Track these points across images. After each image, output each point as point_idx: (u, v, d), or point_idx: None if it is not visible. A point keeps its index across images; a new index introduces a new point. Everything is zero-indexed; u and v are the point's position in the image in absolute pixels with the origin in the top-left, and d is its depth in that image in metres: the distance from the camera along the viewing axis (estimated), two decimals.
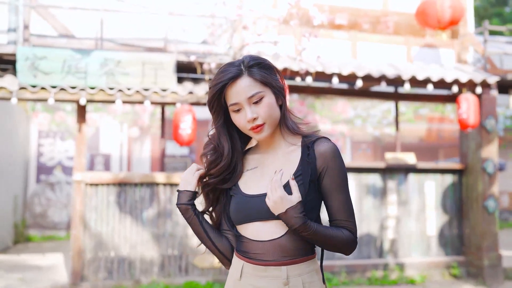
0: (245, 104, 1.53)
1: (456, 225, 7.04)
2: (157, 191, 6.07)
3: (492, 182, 6.77)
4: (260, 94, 1.53)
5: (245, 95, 1.52)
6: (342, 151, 12.44)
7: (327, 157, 1.55)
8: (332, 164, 1.55)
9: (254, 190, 1.58)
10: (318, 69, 5.89)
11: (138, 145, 11.37)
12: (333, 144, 1.58)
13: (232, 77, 1.52)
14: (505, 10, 19.87)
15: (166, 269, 6.01)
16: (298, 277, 1.52)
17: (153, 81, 5.72)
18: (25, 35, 5.73)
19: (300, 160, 1.56)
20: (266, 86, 1.55)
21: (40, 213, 10.27)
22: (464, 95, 6.44)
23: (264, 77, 1.54)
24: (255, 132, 1.55)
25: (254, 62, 1.55)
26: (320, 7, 6.23)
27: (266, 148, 1.64)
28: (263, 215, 1.53)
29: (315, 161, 1.55)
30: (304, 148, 1.58)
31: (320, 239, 1.52)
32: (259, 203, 1.54)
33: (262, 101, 1.53)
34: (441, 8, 6.19)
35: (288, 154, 1.60)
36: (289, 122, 1.61)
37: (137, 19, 6.43)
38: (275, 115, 1.55)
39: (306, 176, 1.54)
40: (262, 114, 1.53)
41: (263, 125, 1.54)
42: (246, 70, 1.53)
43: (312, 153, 1.56)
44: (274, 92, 1.56)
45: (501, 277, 6.63)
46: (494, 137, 6.85)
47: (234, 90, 1.52)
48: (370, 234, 6.72)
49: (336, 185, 1.57)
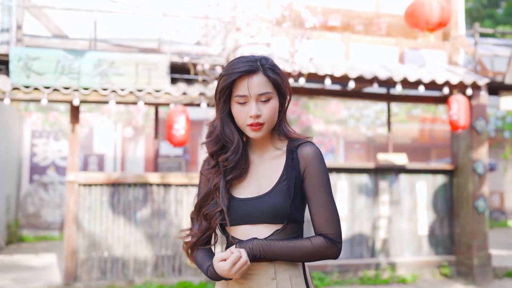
0: (253, 99, 1.55)
1: (447, 225, 7.11)
2: (151, 191, 6.10)
3: (482, 183, 6.85)
4: (270, 95, 1.57)
5: (256, 91, 1.55)
6: (336, 151, 12.50)
7: (308, 160, 1.58)
8: (313, 167, 1.58)
9: (242, 193, 1.61)
10: (311, 70, 5.94)
11: (132, 145, 11.38)
12: (315, 148, 1.60)
13: (249, 70, 1.55)
14: (497, 12, 20.01)
15: (159, 269, 6.03)
16: (285, 272, 1.56)
17: (146, 82, 5.74)
18: (18, 36, 5.74)
19: (285, 165, 1.59)
20: (276, 90, 1.59)
21: (33, 213, 10.26)
22: (454, 97, 6.51)
23: (276, 80, 1.58)
24: (253, 130, 1.56)
25: (270, 65, 1.59)
26: (313, 9, 6.28)
27: (254, 149, 1.66)
28: (252, 219, 1.57)
29: (298, 164, 1.58)
30: (289, 152, 1.61)
31: (282, 257, 1.54)
32: (249, 207, 1.58)
33: (269, 102, 1.57)
34: (430, 10, 6.26)
35: (274, 159, 1.63)
36: (283, 127, 1.64)
37: (131, 20, 6.45)
38: (274, 119, 1.60)
39: (291, 180, 1.57)
40: (265, 114, 1.56)
41: (263, 125, 1.56)
42: (263, 69, 1.57)
43: (296, 157, 1.59)
44: (279, 98, 1.61)
45: (490, 276, 6.71)
46: (484, 138, 6.93)
47: (247, 83, 1.55)
48: (362, 234, 6.78)
49: (316, 188, 1.58)
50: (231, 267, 1.47)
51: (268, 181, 1.60)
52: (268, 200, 1.56)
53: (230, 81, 1.56)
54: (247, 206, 1.58)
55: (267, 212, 1.56)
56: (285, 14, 5.32)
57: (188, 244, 1.65)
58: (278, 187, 1.57)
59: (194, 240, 1.63)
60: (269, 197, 1.57)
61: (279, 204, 1.55)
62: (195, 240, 1.63)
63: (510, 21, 19.05)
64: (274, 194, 1.56)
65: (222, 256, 1.50)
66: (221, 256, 1.50)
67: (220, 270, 1.49)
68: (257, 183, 1.61)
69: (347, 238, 6.69)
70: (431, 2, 6.29)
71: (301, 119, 11.50)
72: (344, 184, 6.73)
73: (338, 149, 12.61)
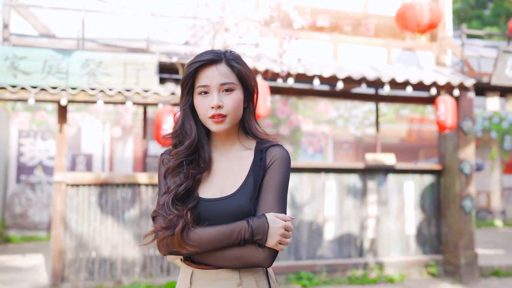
0: (214, 89, 1.50)
1: (434, 225, 7.18)
2: (139, 191, 6.08)
3: (469, 183, 6.92)
4: (233, 85, 1.51)
5: (218, 80, 1.49)
6: (324, 151, 12.54)
7: (273, 160, 1.53)
8: (274, 167, 1.52)
9: (205, 194, 1.53)
10: (300, 71, 5.95)
11: (120, 145, 11.33)
12: (284, 151, 1.56)
13: (211, 59, 1.50)
14: (484, 13, 20.22)
15: (147, 269, 6.02)
16: (251, 276, 1.51)
17: (135, 82, 5.72)
18: (4, 35, 5.69)
19: (252, 164, 1.54)
20: (240, 83, 1.53)
21: (20, 213, 10.17)
22: (442, 97, 6.57)
23: (240, 73, 1.53)
24: (215, 122, 1.50)
25: (234, 56, 1.55)
26: (301, 9, 6.30)
27: (219, 146, 1.60)
28: (214, 220, 1.49)
29: (265, 164, 1.53)
30: (258, 152, 1.56)
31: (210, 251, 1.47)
32: (212, 208, 1.50)
33: (232, 93, 1.51)
34: (421, 12, 6.32)
35: (241, 158, 1.57)
36: (251, 126, 1.59)
37: (119, 19, 6.42)
38: (238, 113, 1.53)
39: (258, 180, 1.52)
40: (228, 105, 1.50)
41: (225, 117, 1.50)
42: (226, 59, 1.53)
43: (264, 157, 1.54)
44: (244, 92, 1.55)
45: (477, 275, 6.78)
46: (471, 139, 7.00)
47: (209, 73, 1.50)
48: (350, 234, 6.81)
49: (268, 186, 1.51)
50: (284, 226, 1.45)
51: (233, 181, 1.53)
52: (234, 203, 1.50)
53: (191, 70, 1.51)
54: (210, 207, 1.50)
55: (232, 214, 1.48)
56: (274, 15, 5.33)
57: (166, 236, 1.46)
58: (244, 188, 1.51)
59: (177, 226, 1.46)
60: (234, 198, 1.50)
61: (245, 206, 1.49)
62: (176, 226, 1.46)
63: (497, 22, 19.27)
64: (239, 196, 1.50)
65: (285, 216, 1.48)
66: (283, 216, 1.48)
67: (276, 222, 1.45)
68: (221, 183, 1.54)
69: (335, 238, 6.73)
70: (422, 4, 6.36)
71: (290, 119, 11.52)
72: (333, 184, 6.77)
73: (327, 149, 12.66)
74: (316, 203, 6.69)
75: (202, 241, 1.44)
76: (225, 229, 1.44)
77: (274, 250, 1.46)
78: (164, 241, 1.47)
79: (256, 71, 5.76)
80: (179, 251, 1.46)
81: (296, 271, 6.39)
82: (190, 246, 1.44)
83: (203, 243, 1.44)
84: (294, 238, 6.55)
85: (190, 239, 1.44)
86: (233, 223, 1.45)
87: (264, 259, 1.46)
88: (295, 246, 6.55)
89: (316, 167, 6.78)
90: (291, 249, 6.52)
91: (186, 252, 1.46)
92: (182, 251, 1.46)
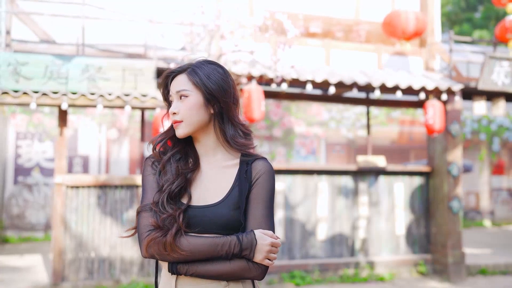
0: (175, 98, 1.59)
1: (423, 225, 7.40)
2: (137, 192, 6.24)
3: (457, 184, 7.14)
4: (185, 92, 1.56)
5: (174, 89, 1.58)
6: (317, 153, 12.75)
7: (259, 173, 1.58)
8: (260, 182, 1.58)
9: (189, 200, 1.56)
10: (293, 76, 6.15)
11: (116, 147, 11.47)
12: (269, 165, 1.61)
13: (176, 71, 1.60)
14: (475, 16, 20.51)
15: (145, 269, 6.19)
16: (239, 282, 1.55)
17: (133, 87, 5.89)
18: (6, 41, 5.84)
19: (237, 175, 1.58)
20: (197, 89, 1.57)
21: (17, 214, 10.29)
22: (430, 102, 6.79)
23: (198, 80, 1.57)
24: (175, 127, 1.59)
25: (199, 65, 1.60)
26: (295, 16, 6.50)
27: (203, 154, 1.64)
28: (197, 227, 1.52)
29: (250, 177, 1.58)
30: (243, 164, 1.60)
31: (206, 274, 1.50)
32: (197, 214, 1.53)
33: (186, 99, 1.56)
34: (406, 20, 6.55)
35: (226, 168, 1.61)
36: (227, 133, 1.60)
37: (118, 26, 6.58)
38: (195, 117, 1.57)
39: (243, 192, 1.56)
40: (181, 111, 1.56)
41: (181, 122, 1.57)
42: (187, 70, 1.59)
43: (250, 170, 1.58)
44: (205, 96, 1.57)
45: (464, 274, 7.01)
46: (458, 142, 7.23)
47: (173, 84, 1.60)
48: (342, 234, 7.02)
49: (256, 201, 1.56)
50: (271, 243, 1.51)
51: (217, 190, 1.57)
52: (218, 211, 1.53)
53: (161, 82, 1.64)
54: (196, 214, 1.53)
55: (215, 223, 1.51)
56: (268, 23, 5.52)
57: (157, 237, 1.47)
58: (229, 198, 1.55)
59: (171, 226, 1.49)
60: (219, 207, 1.53)
61: (228, 215, 1.52)
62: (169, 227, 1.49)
63: (487, 24, 19.55)
64: (224, 205, 1.54)
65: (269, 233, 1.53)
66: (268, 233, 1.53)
67: (264, 239, 1.50)
68: (205, 191, 1.58)
69: (327, 238, 6.93)
70: (407, 13, 6.59)
71: (283, 121, 11.73)
72: (325, 186, 6.97)
73: (320, 150, 12.87)
74: (309, 204, 6.89)
75: (193, 249, 1.46)
76: (216, 241, 1.47)
77: (266, 266, 1.52)
78: (154, 241, 1.48)
79: (251, 76, 5.94)
80: (169, 254, 1.47)
81: (289, 270, 6.58)
82: (180, 252, 1.46)
83: (194, 251, 1.46)
84: (287, 238, 6.74)
85: (182, 246, 1.46)
86: (224, 236, 1.49)
87: (258, 275, 1.53)
88: (288, 246, 6.75)
89: (309, 169, 6.98)
90: (285, 249, 6.71)
91: (175, 257, 1.47)
92: (171, 255, 1.47)
